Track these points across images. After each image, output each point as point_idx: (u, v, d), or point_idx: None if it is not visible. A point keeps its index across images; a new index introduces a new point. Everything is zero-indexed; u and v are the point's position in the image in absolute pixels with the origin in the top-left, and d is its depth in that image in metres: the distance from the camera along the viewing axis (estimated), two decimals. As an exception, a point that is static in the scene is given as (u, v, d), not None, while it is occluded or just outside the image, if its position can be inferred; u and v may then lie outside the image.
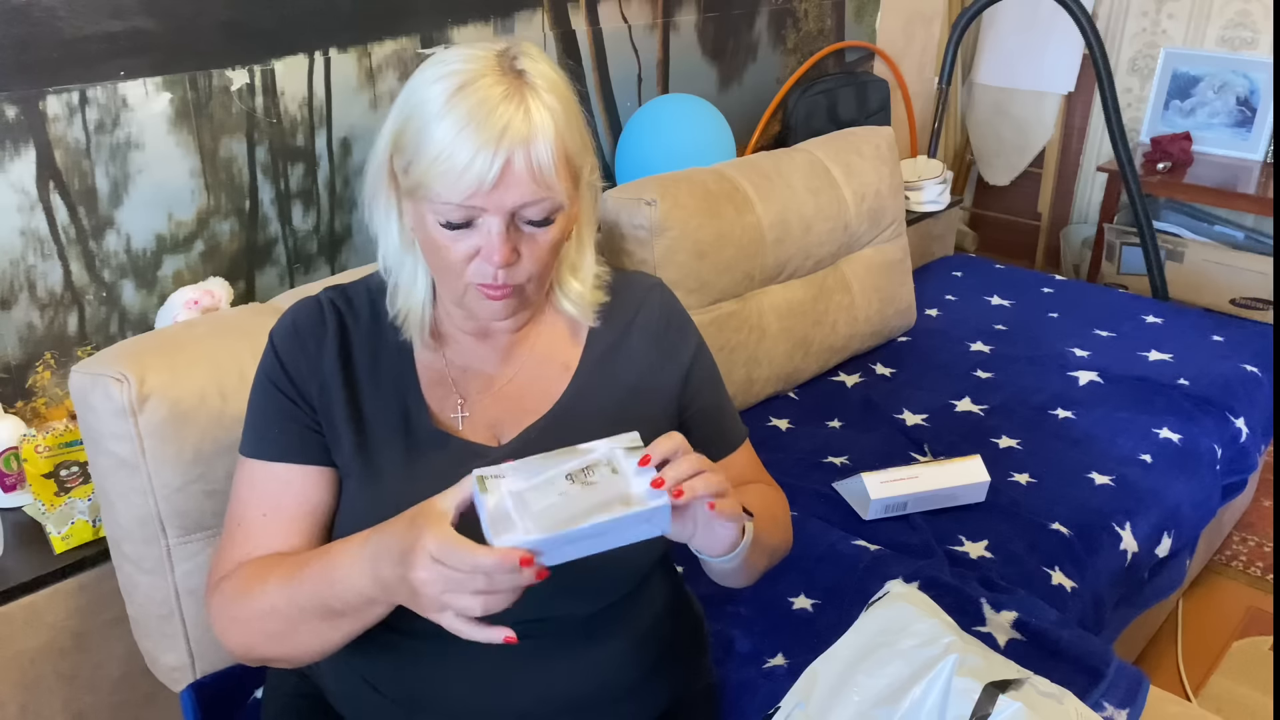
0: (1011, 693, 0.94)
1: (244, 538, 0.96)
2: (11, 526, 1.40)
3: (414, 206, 0.91)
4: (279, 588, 0.89)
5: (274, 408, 0.98)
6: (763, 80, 2.57)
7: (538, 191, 0.87)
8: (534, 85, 0.87)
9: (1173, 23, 3.28)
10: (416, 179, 0.87)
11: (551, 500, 0.79)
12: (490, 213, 0.87)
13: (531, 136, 0.85)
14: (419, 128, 0.87)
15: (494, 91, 0.85)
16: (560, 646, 1.00)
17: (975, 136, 3.67)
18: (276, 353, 0.99)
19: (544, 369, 1.04)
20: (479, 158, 0.84)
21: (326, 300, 1.02)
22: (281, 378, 0.98)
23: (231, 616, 0.93)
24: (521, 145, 0.85)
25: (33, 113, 1.38)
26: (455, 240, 0.89)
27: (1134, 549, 1.65)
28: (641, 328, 1.08)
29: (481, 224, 0.88)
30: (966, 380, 2.10)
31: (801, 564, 1.51)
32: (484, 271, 0.90)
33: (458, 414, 1.01)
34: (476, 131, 0.84)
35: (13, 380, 1.46)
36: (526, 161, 0.85)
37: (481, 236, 0.88)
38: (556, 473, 0.80)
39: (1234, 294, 3.09)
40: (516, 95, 0.86)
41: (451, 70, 0.87)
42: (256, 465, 0.97)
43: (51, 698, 1.35)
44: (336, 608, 0.86)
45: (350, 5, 1.68)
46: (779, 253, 1.98)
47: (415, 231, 0.94)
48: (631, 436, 0.84)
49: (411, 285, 0.98)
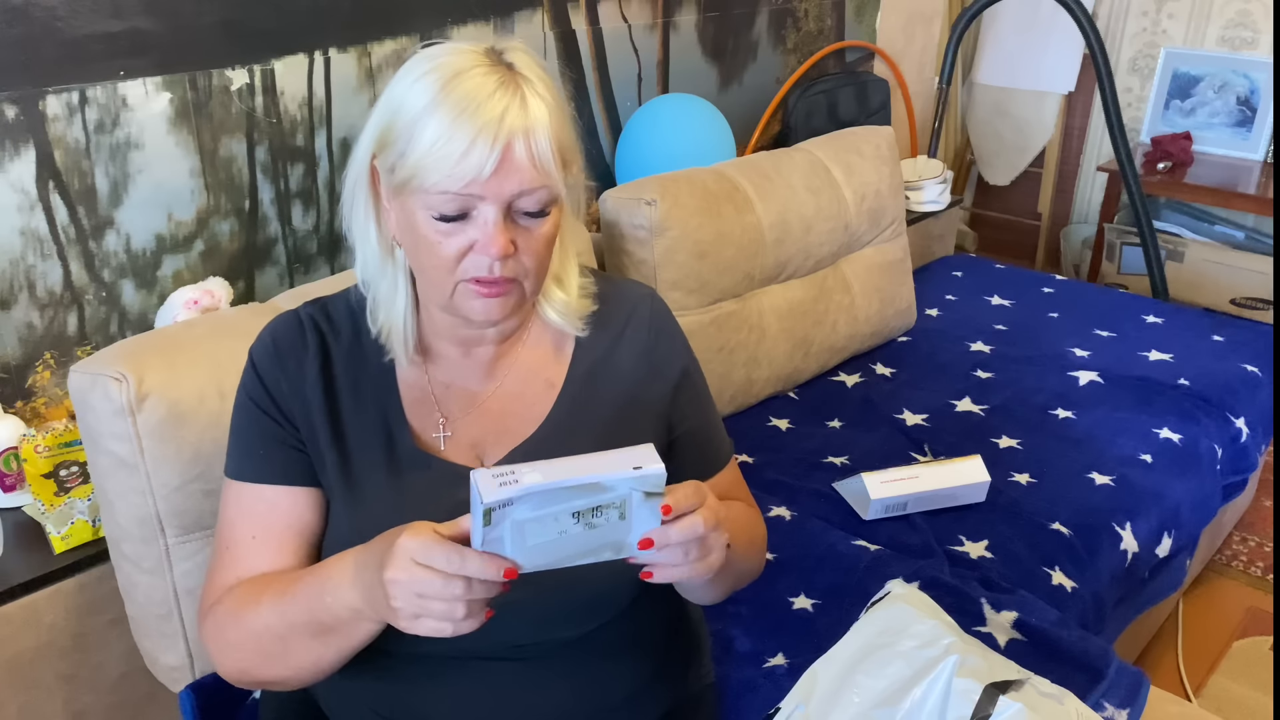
0: (1012, 693, 0.94)
1: (233, 561, 0.95)
2: (11, 526, 1.40)
3: (402, 204, 0.89)
4: (272, 606, 0.88)
5: (257, 428, 0.96)
6: (763, 80, 2.57)
7: (537, 179, 0.86)
8: (526, 77, 0.87)
9: (1173, 22, 3.27)
10: (409, 171, 0.85)
11: (550, 538, 0.76)
12: (488, 201, 0.85)
13: (531, 123, 0.85)
14: (410, 120, 0.85)
15: (488, 80, 0.85)
16: (553, 667, 0.99)
17: (975, 136, 3.67)
18: (257, 371, 0.97)
19: (528, 387, 1.02)
20: (479, 143, 0.83)
21: (306, 317, 0.99)
22: (264, 397, 0.96)
23: (226, 641, 0.92)
24: (521, 131, 0.84)
25: (32, 112, 1.38)
26: (448, 235, 0.87)
27: (1134, 549, 1.65)
28: (630, 341, 1.05)
29: (477, 215, 0.86)
30: (966, 380, 2.10)
31: (801, 564, 1.51)
32: (479, 265, 0.87)
33: (440, 433, 0.99)
34: (474, 116, 0.83)
35: (13, 380, 1.46)
36: (527, 148, 0.84)
37: (477, 229, 0.86)
38: (565, 508, 0.76)
39: (1234, 294, 3.09)
40: (511, 84, 0.85)
41: (439, 64, 0.86)
42: (243, 487, 0.96)
43: (51, 698, 1.35)
44: (327, 622, 0.85)
45: (350, 5, 1.68)
46: (779, 253, 1.98)
47: (400, 233, 0.91)
48: (657, 473, 0.77)
49: (392, 297, 0.96)
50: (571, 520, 0.76)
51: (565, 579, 0.95)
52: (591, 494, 0.76)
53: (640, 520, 0.78)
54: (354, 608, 0.83)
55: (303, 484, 0.96)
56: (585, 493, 0.75)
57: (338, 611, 0.84)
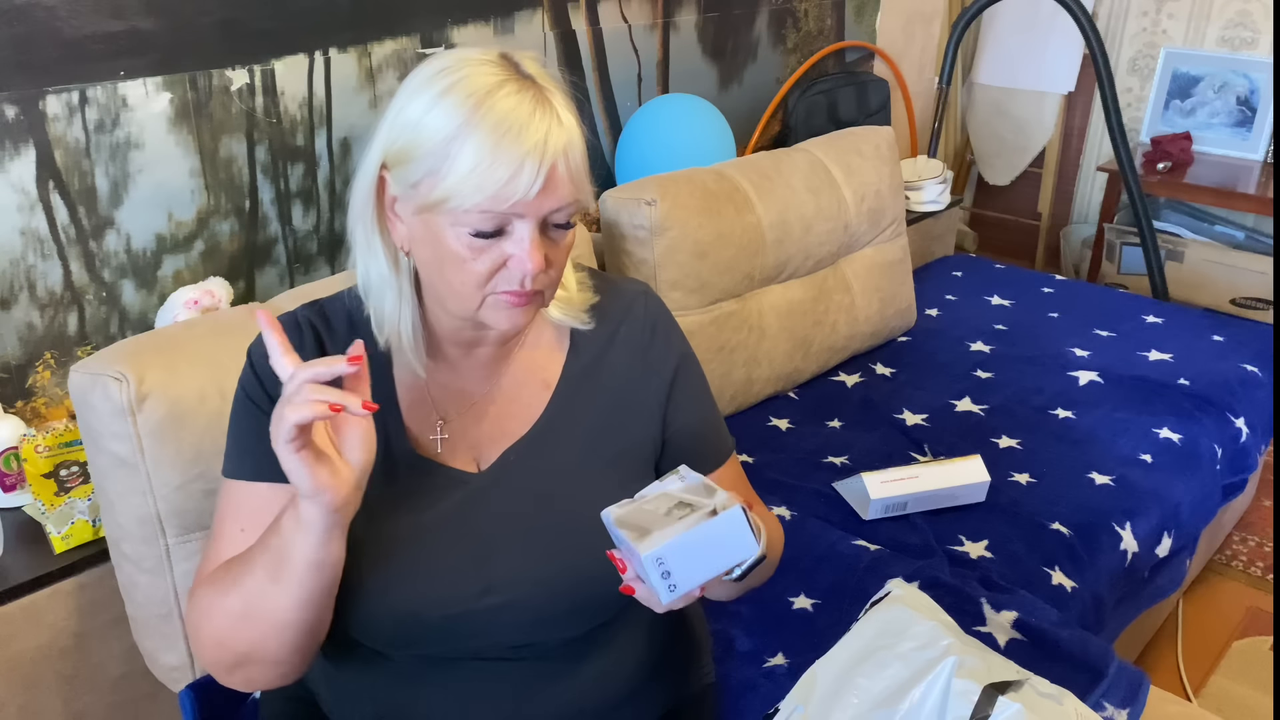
0: (1011, 694, 0.94)
1: (217, 554, 0.94)
2: (11, 526, 1.40)
3: (426, 221, 0.88)
4: (239, 559, 0.89)
5: (253, 425, 0.95)
6: (763, 80, 2.57)
7: (574, 194, 0.87)
8: (549, 89, 0.87)
9: (1173, 22, 3.28)
10: (444, 193, 0.84)
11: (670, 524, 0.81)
12: (525, 219, 0.86)
13: (569, 143, 0.86)
14: (441, 141, 0.84)
15: (523, 99, 0.85)
16: (553, 667, 0.99)
17: (975, 136, 3.67)
18: (255, 369, 0.96)
19: (524, 387, 1.02)
20: (526, 166, 0.83)
21: (304, 319, 0.99)
22: (261, 394, 0.95)
23: (199, 610, 0.91)
24: (562, 153, 0.85)
25: (33, 112, 1.38)
26: (481, 251, 0.87)
27: (1134, 549, 1.65)
28: (625, 340, 1.05)
29: (512, 231, 0.86)
30: (966, 380, 2.10)
31: (801, 564, 1.51)
32: (512, 279, 0.88)
33: (437, 435, 0.99)
34: (518, 140, 0.83)
35: (13, 380, 1.46)
36: (567, 168, 0.86)
37: (514, 244, 0.87)
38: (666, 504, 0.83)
39: (1234, 294, 3.09)
40: (544, 102, 0.86)
41: (460, 79, 0.85)
42: (238, 485, 0.95)
43: (51, 698, 1.35)
44: (273, 545, 0.84)
45: (350, 5, 1.68)
46: (779, 253, 1.98)
47: (418, 247, 0.91)
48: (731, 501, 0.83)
49: (399, 306, 0.95)
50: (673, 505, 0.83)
51: (565, 579, 0.95)
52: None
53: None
54: (291, 509, 0.83)
55: None
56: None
57: (282, 524, 0.84)
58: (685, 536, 0.78)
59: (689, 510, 0.81)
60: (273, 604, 0.86)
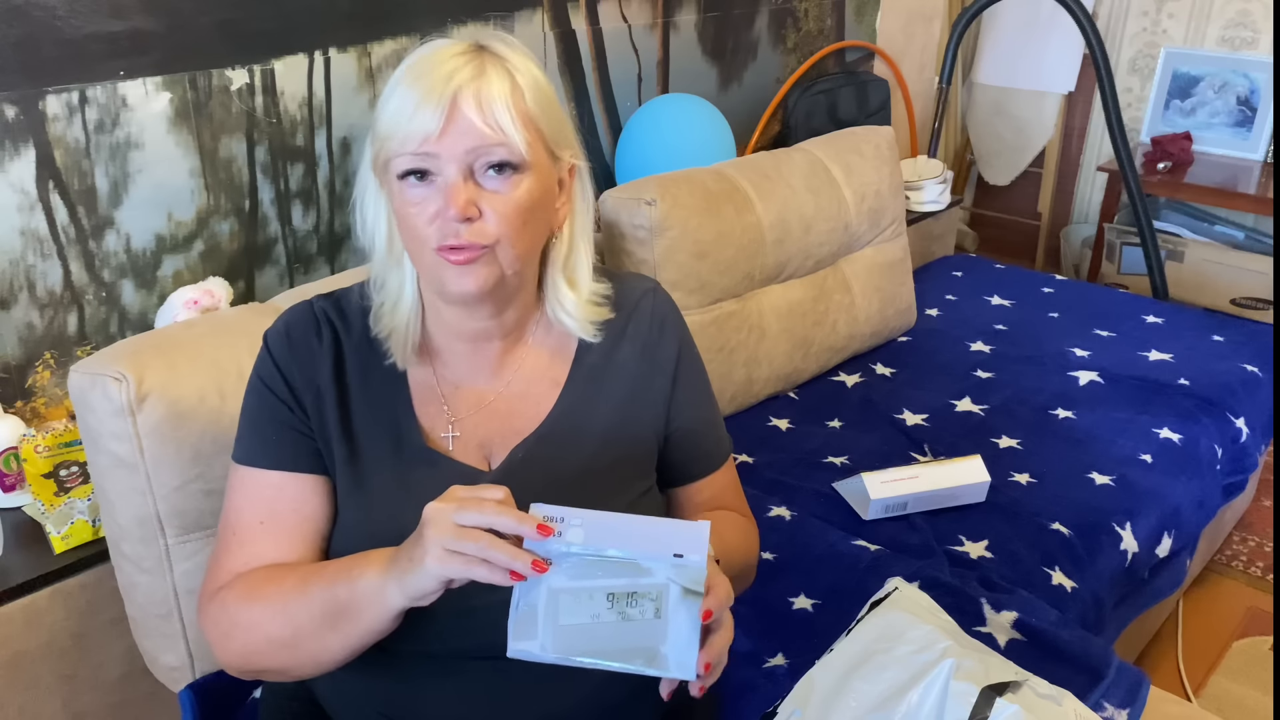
0: (1009, 695, 0.94)
1: (239, 547, 0.95)
2: (11, 526, 1.40)
3: (389, 188, 0.92)
4: (295, 585, 0.89)
5: (268, 412, 0.96)
6: (763, 80, 2.57)
7: (489, 135, 0.87)
8: (497, 55, 0.90)
9: (1173, 22, 3.27)
10: (378, 146, 0.89)
11: (581, 621, 0.76)
12: (444, 160, 0.87)
13: (481, 84, 0.87)
14: (381, 103, 0.90)
15: (451, 52, 0.89)
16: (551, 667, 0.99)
17: (975, 136, 3.67)
18: (272, 355, 0.97)
19: (534, 386, 1.02)
20: (426, 102, 0.86)
21: (320, 310, 1.00)
22: (277, 380, 0.96)
23: (234, 621, 0.91)
24: (470, 90, 0.86)
25: (32, 112, 1.38)
26: (418, 204, 0.88)
27: (1134, 549, 1.65)
28: (632, 338, 1.06)
29: (438, 179, 0.88)
30: (966, 380, 2.10)
31: (801, 564, 1.51)
32: (446, 231, 0.88)
33: (448, 433, 0.99)
34: (422, 78, 0.87)
35: (12, 380, 1.46)
36: (476, 105, 0.86)
37: (439, 192, 0.88)
38: (601, 585, 0.75)
39: (1234, 294, 3.09)
40: (471, 56, 0.88)
41: (417, 54, 0.90)
42: (250, 472, 0.96)
43: (51, 698, 1.35)
44: (344, 600, 0.85)
45: (350, 5, 1.68)
46: (779, 253, 1.98)
47: (394, 215, 0.93)
48: (697, 566, 0.76)
49: (399, 292, 0.97)
50: (606, 604, 0.76)
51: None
52: (629, 573, 0.76)
53: (676, 625, 0.76)
54: (379, 578, 0.83)
55: (311, 471, 0.96)
56: (623, 570, 0.75)
57: (361, 586, 0.84)
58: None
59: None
60: (323, 645, 0.87)
